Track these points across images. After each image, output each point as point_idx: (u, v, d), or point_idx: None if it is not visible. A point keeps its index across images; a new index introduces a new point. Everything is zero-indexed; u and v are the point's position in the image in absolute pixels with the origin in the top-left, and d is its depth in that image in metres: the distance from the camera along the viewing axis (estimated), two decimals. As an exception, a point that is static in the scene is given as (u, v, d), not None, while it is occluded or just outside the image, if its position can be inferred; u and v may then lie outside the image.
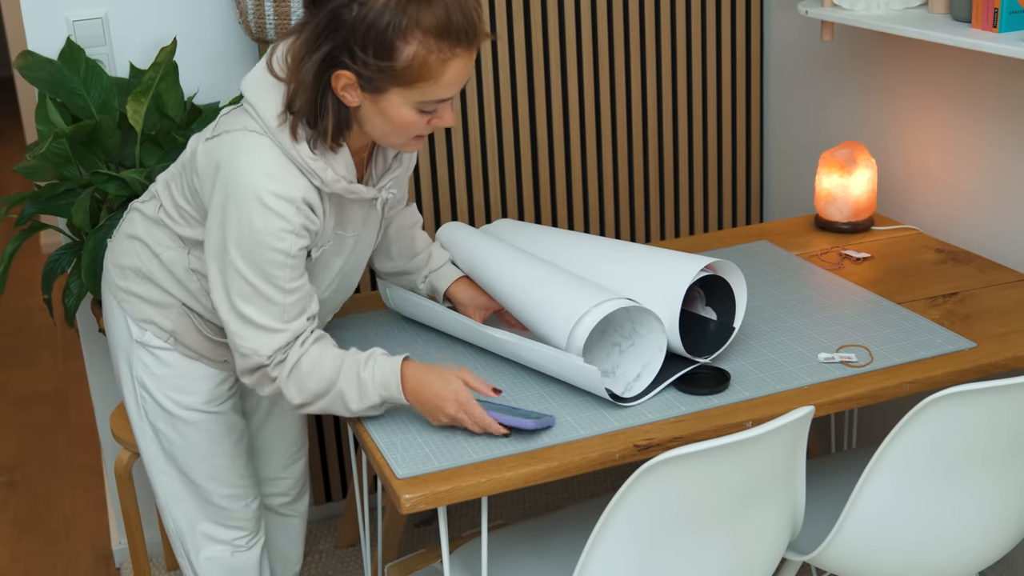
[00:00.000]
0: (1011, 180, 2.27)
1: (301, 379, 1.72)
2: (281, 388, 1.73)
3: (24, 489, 3.28)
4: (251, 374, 1.74)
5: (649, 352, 1.85)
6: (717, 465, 1.55)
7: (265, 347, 1.70)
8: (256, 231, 1.65)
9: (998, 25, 2.04)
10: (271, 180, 1.64)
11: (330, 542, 2.84)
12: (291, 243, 1.66)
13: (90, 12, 2.40)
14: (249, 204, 1.64)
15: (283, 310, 1.69)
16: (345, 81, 1.62)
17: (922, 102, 2.46)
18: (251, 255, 1.66)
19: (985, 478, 1.74)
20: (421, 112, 1.64)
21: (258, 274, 1.67)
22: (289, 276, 1.69)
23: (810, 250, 2.38)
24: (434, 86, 1.61)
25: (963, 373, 1.86)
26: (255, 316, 1.69)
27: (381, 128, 1.67)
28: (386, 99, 1.63)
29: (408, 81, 1.60)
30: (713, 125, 2.91)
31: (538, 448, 1.68)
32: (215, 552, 2.00)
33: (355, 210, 1.80)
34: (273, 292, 1.68)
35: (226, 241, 1.67)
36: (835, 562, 1.81)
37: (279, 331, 1.70)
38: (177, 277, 1.84)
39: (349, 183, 1.72)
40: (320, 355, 1.73)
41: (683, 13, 2.79)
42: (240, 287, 1.68)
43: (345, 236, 1.81)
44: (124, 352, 1.92)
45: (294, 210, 1.65)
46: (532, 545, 1.91)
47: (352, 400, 1.73)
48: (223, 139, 1.70)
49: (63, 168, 2.28)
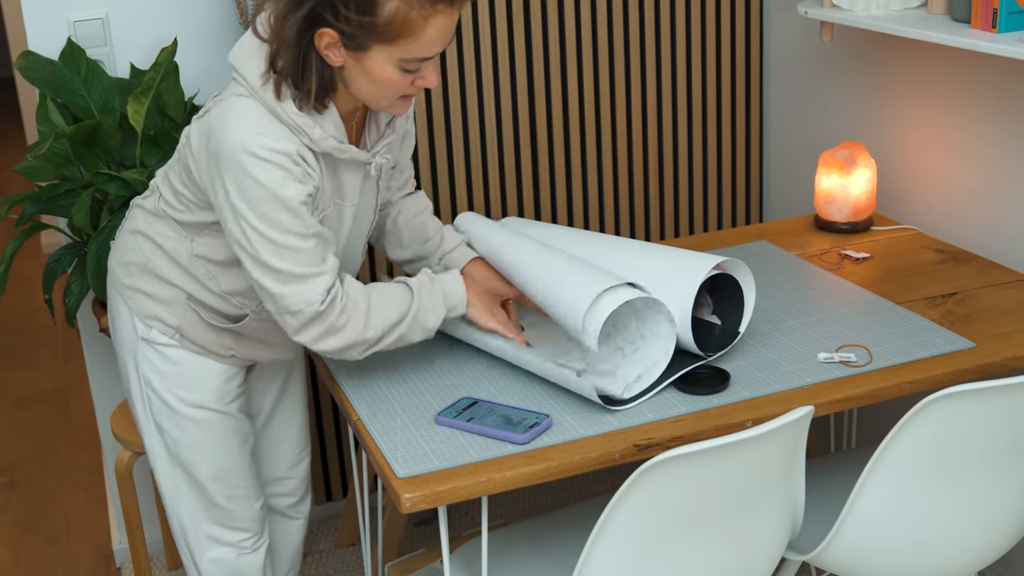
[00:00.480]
0: (1010, 180, 2.28)
1: (375, 314, 1.76)
2: (356, 333, 1.75)
3: (25, 489, 3.29)
4: (309, 328, 1.73)
5: (653, 355, 1.85)
6: (717, 465, 1.56)
7: (313, 293, 1.71)
8: (261, 185, 1.66)
9: (997, 25, 2.04)
10: (262, 136, 1.65)
11: (330, 541, 2.85)
12: (297, 190, 1.67)
13: (91, 12, 2.40)
14: (247, 161, 1.65)
15: (311, 254, 1.71)
16: (328, 39, 1.63)
17: (922, 102, 2.47)
18: (265, 211, 1.67)
19: (984, 478, 1.74)
20: (404, 71, 1.66)
21: (277, 228, 1.68)
22: (305, 223, 1.70)
23: (810, 250, 2.38)
24: (416, 43, 1.62)
25: (962, 373, 1.86)
26: (290, 267, 1.70)
27: (366, 88, 1.69)
28: (369, 57, 1.64)
29: (390, 38, 1.61)
30: (713, 125, 2.91)
31: (538, 448, 1.69)
32: (220, 554, 2.01)
33: (351, 177, 1.80)
34: (296, 241, 1.69)
35: (236, 206, 1.68)
36: (835, 562, 1.82)
37: (319, 274, 1.71)
38: (181, 265, 1.84)
39: (340, 142, 1.73)
40: (384, 289, 1.80)
41: (683, 14, 2.79)
42: (265, 245, 1.69)
43: (344, 206, 1.82)
44: (130, 351, 1.92)
45: (290, 161, 1.67)
46: (532, 545, 1.91)
47: (430, 317, 1.82)
48: (212, 111, 1.71)
49: (64, 168, 2.28)
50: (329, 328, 1.74)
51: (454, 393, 1.85)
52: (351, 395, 1.87)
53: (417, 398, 1.84)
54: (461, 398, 1.81)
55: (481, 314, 1.89)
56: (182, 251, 1.83)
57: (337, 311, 1.73)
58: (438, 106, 2.63)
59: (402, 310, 1.79)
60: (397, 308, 1.79)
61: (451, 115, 2.65)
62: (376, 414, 1.80)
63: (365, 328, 1.76)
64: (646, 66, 2.80)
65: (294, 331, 1.74)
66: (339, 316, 1.73)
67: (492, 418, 1.74)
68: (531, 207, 2.80)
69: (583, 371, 1.82)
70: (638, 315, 1.88)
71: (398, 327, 1.80)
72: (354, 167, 1.80)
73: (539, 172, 2.78)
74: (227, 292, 1.84)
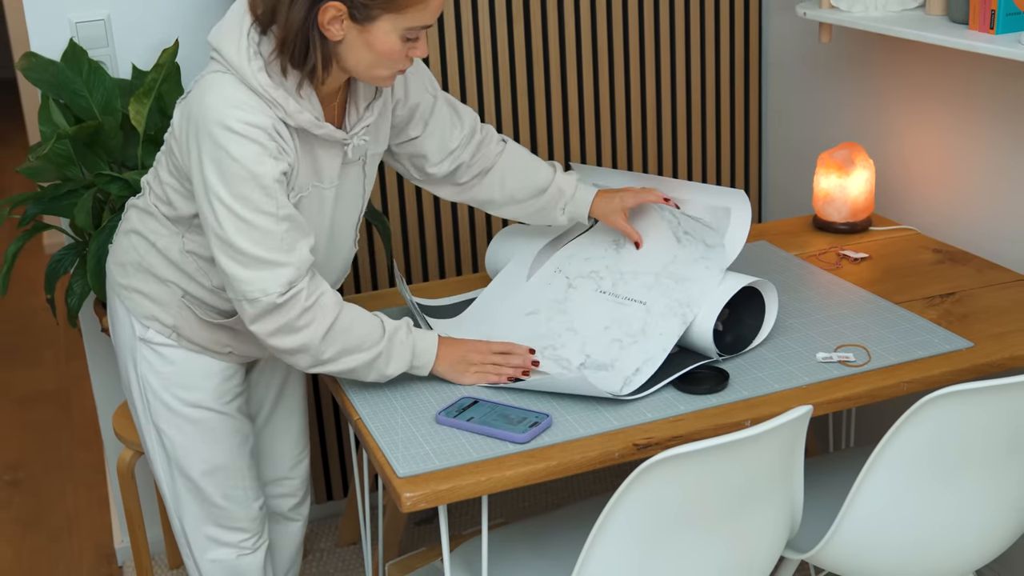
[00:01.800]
0: (1008, 181, 2.28)
1: (338, 333, 1.74)
2: (311, 340, 1.73)
3: (27, 487, 3.29)
4: (265, 320, 1.71)
5: (651, 350, 1.86)
6: (716, 464, 1.56)
7: (272, 283, 1.69)
8: (235, 160, 1.65)
9: (995, 27, 2.04)
10: (238, 110, 1.66)
11: (331, 540, 2.85)
12: (272, 166, 1.67)
13: (93, 14, 2.41)
14: (222, 135, 1.65)
15: (280, 239, 1.69)
16: (333, 13, 1.64)
17: (920, 103, 2.47)
18: (237, 187, 1.66)
19: (982, 477, 1.74)
20: (405, 40, 1.68)
21: (248, 205, 1.67)
22: (280, 202, 1.69)
23: (808, 250, 2.39)
24: (424, 10, 1.66)
25: (960, 372, 1.87)
26: (253, 249, 1.68)
27: (365, 60, 1.69)
28: (375, 27, 1.65)
29: (401, 6, 1.64)
30: (712, 126, 2.92)
31: (538, 447, 1.69)
32: (220, 555, 2.01)
33: (328, 158, 1.80)
34: (266, 221, 1.68)
35: (208, 180, 1.67)
36: (833, 560, 1.82)
37: (283, 264, 1.69)
38: (174, 262, 1.84)
39: (316, 117, 1.73)
40: (358, 314, 1.78)
41: (682, 15, 2.80)
42: (233, 223, 1.67)
43: (322, 188, 1.81)
44: (129, 352, 1.92)
45: (265, 135, 1.67)
46: (532, 544, 1.91)
47: (392, 364, 1.80)
48: (192, 91, 1.73)
49: (66, 169, 2.29)
50: (287, 325, 1.71)
51: (454, 393, 1.85)
52: (352, 395, 1.87)
53: (417, 398, 1.85)
54: (461, 398, 1.81)
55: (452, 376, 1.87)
56: (174, 248, 1.84)
57: (298, 311, 1.71)
58: (438, 107, 2.64)
59: (366, 344, 1.77)
60: (361, 339, 1.77)
61: (451, 116, 2.66)
62: (377, 414, 1.80)
63: (323, 340, 1.74)
64: (645, 67, 2.81)
65: (250, 320, 1.72)
66: (300, 316, 1.71)
67: (492, 417, 1.74)
68: (531, 207, 2.81)
69: (582, 364, 1.82)
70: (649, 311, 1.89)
71: (354, 357, 1.77)
72: (331, 147, 1.80)
73: (539, 172, 2.79)
74: (219, 287, 1.84)
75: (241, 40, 1.69)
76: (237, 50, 1.68)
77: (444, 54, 2.61)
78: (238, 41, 1.69)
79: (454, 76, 2.63)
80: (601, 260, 2.07)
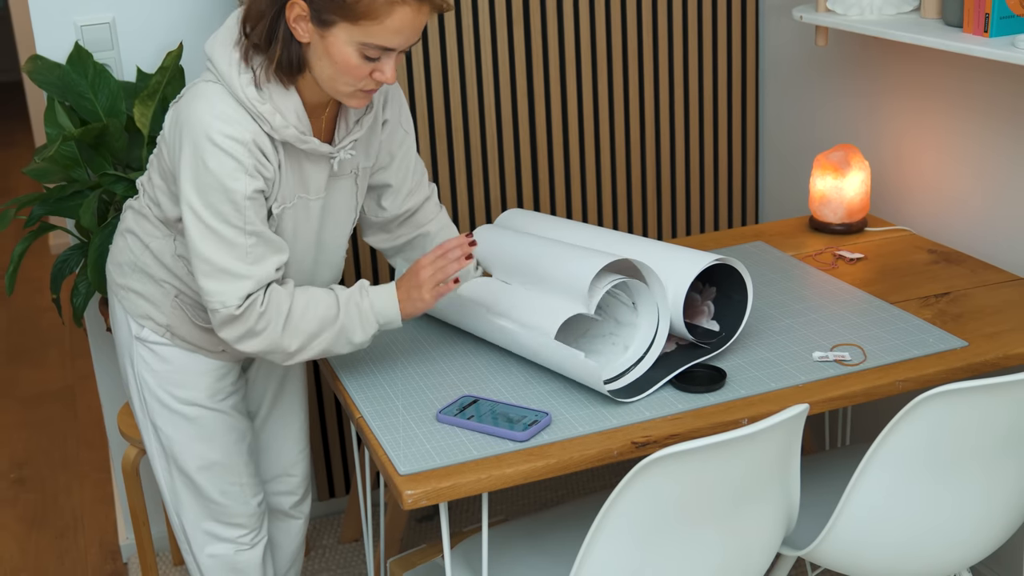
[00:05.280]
0: (1002, 182, 2.29)
1: (295, 323, 1.74)
2: (273, 339, 1.74)
3: (33, 485, 3.30)
4: (228, 328, 1.74)
5: (640, 342, 1.87)
6: (713, 462, 1.56)
7: (231, 296, 1.71)
8: (211, 172, 1.67)
9: (989, 30, 2.04)
10: (222, 122, 1.67)
11: (333, 537, 2.86)
12: (245, 183, 1.68)
13: (98, 17, 2.42)
14: (203, 146, 1.67)
15: (245, 252, 1.70)
16: (298, 11, 1.65)
17: (915, 105, 2.47)
18: (207, 197, 1.68)
19: (976, 474, 1.75)
20: (364, 57, 1.66)
21: (216, 216, 1.69)
22: (248, 218, 1.70)
23: (805, 251, 2.39)
24: (378, 28, 1.63)
25: (955, 371, 1.87)
26: (216, 258, 1.70)
27: (327, 71, 1.69)
28: (332, 35, 1.65)
29: (355, 16, 1.62)
30: (710, 128, 2.93)
31: (537, 445, 1.70)
32: (218, 550, 2.02)
33: (315, 171, 1.81)
34: (233, 234, 1.70)
35: (184, 186, 1.70)
36: (829, 557, 1.82)
37: (243, 277, 1.71)
38: (166, 265, 1.86)
39: (300, 132, 1.74)
40: (310, 297, 1.76)
41: (680, 19, 2.81)
42: (201, 230, 1.70)
43: (308, 199, 1.82)
44: (127, 350, 1.94)
45: (245, 151, 1.68)
46: (532, 540, 1.92)
47: (356, 333, 1.78)
48: (183, 97, 1.74)
49: (71, 170, 2.29)
50: (249, 331, 1.74)
51: (455, 391, 1.87)
52: (354, 393, 1.88)
53: (419, 396, 1.85)
54: (462, 396, 1.82)
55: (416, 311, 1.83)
56: (166, 252, 1.86)
57: (255, 316, 1.72)
58: (439, 108, 2.65)
59: (323, 322, 1.77)
60: (318, 319, 1.77)
61: (452, 117, 2.67)
62: (378, 412, 1.81)
63: (283, 335, 1.75)
64: (644, 70, 2.81)
65: (216, 327, 1.75)
66: (257, 321, 1.73)
67: (492, 416, 1.75)
68: (530, 207, 2.82)
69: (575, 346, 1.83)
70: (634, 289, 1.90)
71: (319, 339, 1.77)
72: (318, 160, 1.81)
73: (538, 175, 2.80)
74: None
75: (232, 52, 1.70)
76: (228, 62, 1.70)
77: (445, 58, 2.62)
78: (229, 53, 1.71)
79: (455, 78, 2.64)
80: None
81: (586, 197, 2.85)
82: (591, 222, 2.87)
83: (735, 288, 1.96)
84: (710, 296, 2.01)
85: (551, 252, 1.91)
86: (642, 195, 2.90)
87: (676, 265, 1.90)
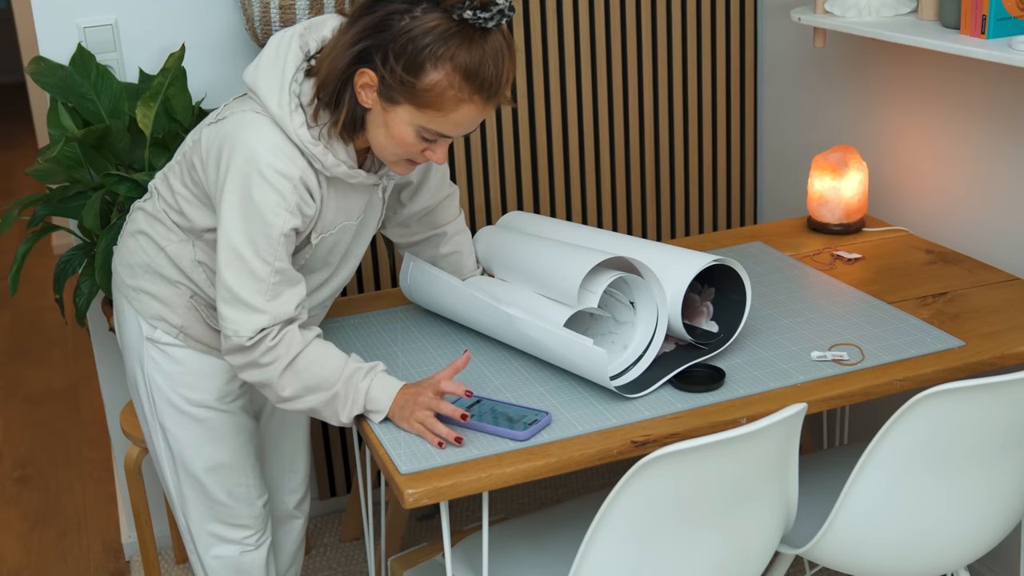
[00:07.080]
0: (999, 182, 2.29)
1: (296, 371, 1.74)
2: (271, 377, 1.74)
3: (36, 484, 3.30)
4: (235, 355, 1.74)
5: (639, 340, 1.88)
6: (712, 461, 1.56)
7: (245, 327, 1.71)
8: (254, 203, 1.68)
9: (986, 31, 2.05)
10: (272, 156, 1.68)
11: (335, 536, 2.87)
12: (285, 220, 1.69)
13: (101, 19, 2.42)
14: (251, 175, 1.68)
15: (267, 287, 1.71)
16: (367, 80, 1.66)
17: (912, 106, 2.48)
18: (246, 224, 1.69)
19: (974, 473, 1.75)
20: (421, 138, 1.69)
21: (250, 245, 1.70)
22: (277, 255, 1.71)
23: (803, 251, 2.39)
24: (442, 119, 1.66)
25: (952, 371, 1.87)
26: (238, 289, 1.71)
27: (381, 139, 1.71)
28: (395, 112, 1.67)
29: (422, 104, 1.64)
30: (708, 129, 2.93)
31: (537, 444, 1.70)
32: (224, 551, 2.03)
33: (357, 196, 1.84)
34: (259, 266, 1.70)
35: (224, 211, 1.70)
36: (827, 555, 1.83)
37: (260, 311, 1.71)
38: (183, 269, 1.86)
39: (350, 168, 1.75)
40: (321, 354, 1.75)
41: (679, 20, 2.81)
42: (230, 257, 1.71)
43: (348, 224, 1.84)
44: (136, 351, 1.94)
45: (291, 188, 1.69)
46: (532, 539, 1.92)
47: (344, 410, 1.77)
48: (229, 120, 1.74)
49: (74, 171, 2.29)
50: (252, 362, 1.74)
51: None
52: (356, 393, 1.89)
53: (420, 396, 1.87)
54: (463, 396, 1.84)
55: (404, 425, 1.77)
56: (184, 256, 1.86)
57: (263, 350, 1.73)
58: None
59: (322, 382, 1.76)
60: (319, 377, 1.75)
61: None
62: (381, 412, 1.82)
63: (281, 377, 1.74)
64: (643, 72, 2.82)
65: (224, 352, 1.76)
66: (264, 355, 1.73)
67: (493, 416, 1.75)
68: (530, 209, 2.83)
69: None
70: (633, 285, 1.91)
71: (312, 396, 1.76)
72: (363, 188, 1.84)
73: (538, 176, 2.80)
74: None
75: (283, 92, 1.70)
76: (279, 102, 1.70)
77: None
78: (279, 92, 1.71)
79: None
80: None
81: (586, 198, 2.86)
82: (591, 223, 2.88)
83: (734, 288, 1.97)
84: (709, 297, 2.01)
85: (552, 251, 1.93)
86: (641, 196, 2.91)
87: (675, 266, 1.90)
